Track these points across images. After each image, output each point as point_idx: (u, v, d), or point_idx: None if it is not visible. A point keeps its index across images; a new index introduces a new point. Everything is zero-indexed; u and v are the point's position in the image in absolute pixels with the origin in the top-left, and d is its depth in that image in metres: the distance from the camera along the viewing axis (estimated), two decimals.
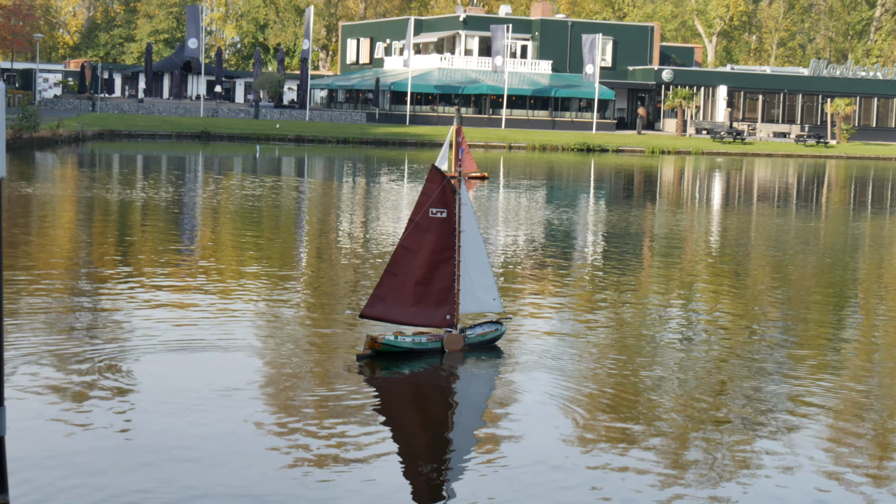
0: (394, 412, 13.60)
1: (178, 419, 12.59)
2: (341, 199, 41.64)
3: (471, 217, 16.01)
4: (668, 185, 57.68)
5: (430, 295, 15.84)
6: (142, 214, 33.48)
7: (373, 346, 15.36)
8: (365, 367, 15.03)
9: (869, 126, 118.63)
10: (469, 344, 16.01)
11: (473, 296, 16.14)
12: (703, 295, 22.43)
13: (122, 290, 20.11)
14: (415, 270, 15.73)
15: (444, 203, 15.78)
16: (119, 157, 60.42)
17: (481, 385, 14.90)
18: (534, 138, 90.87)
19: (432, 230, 15.74)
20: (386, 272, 15.83)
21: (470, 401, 14.39)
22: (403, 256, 15.73)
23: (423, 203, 15.73)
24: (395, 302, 15.76)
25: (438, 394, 14.59)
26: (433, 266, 15.79)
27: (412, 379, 14.86)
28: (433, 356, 15.59)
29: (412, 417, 13.72)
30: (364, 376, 14.68)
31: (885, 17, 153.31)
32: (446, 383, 14.89)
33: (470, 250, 16.01)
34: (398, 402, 14.20)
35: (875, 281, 25.62)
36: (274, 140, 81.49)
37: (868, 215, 43.93)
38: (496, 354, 15.97)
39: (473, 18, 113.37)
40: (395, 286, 15.72)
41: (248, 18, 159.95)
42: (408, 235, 15.71)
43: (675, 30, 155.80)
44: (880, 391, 15.29)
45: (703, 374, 15.56)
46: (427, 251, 15.73)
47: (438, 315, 15.88)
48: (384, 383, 14.58)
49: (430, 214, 15.73)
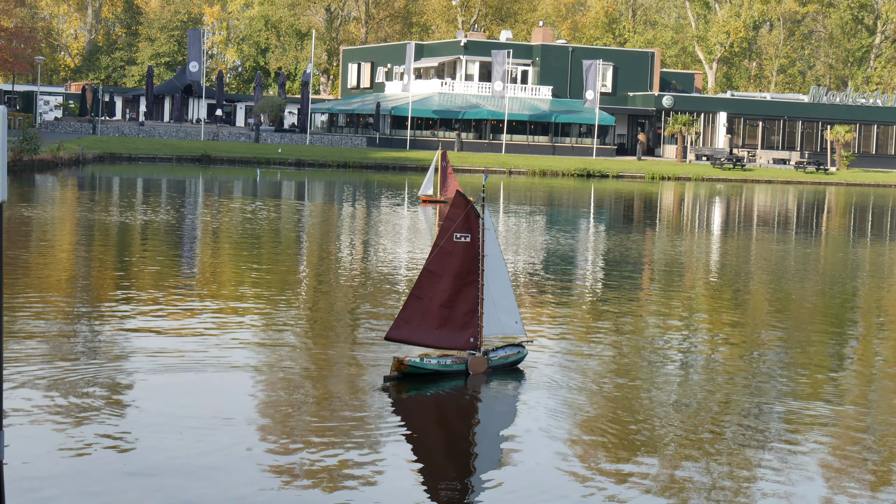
0: (419, 433, 13.81)
1: (195, 441, 12.58)
2: (342, 223, 41.65)
3: (494, 241, 16.28)
4: (668, 211, 57.72)
5: (455, 318, 16.14)
6: (142, 237, 33.48)
7: (399, 367, 15.62)
8: (392, 388, 15.31)
9: (869, 153, 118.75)
10: (493, 366, 16.27)
11: (496, 319, 16.42)
12: (706, 321, 22.42)
13: (122, 311, 20.10)
14: (439, 294, 16.02)
15: (468, 228, 16.06)
16: (119, 180, 60.48)
17: (504, 407, 15.15)
18: (534, 164, 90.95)
19: (456, 254, 16.05)
20: (411, 295, 16.09)
21: (493, 423, 14.59)
22: (428, 280, 16.02)
23: (448, 228, 16.03)
24: (420, 325, 16.02)
25: (462, 415, 14.83)
26: (457, 290, 16.09)
27: (437, 400, 15.13)
28: (458, 378, 15.88)
29: (436, 438, 13.90)
30: (391, 397, 14.96)
31: (884, 44, 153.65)
32: (470, 405, 15.15)
33: (493, 274, 16.31)
34: (423, 422, 14.44)
35: (874, 308, 25.61)
36: (274, 164, 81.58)
37: (868, 242, 43.94)
38: (519, 377, 16.22)
39: (474, 44, 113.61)
40: (420, 309, 15.99)
41: (249, 42, 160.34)
42: (432, 259, 16.02)
43: (676, 56, 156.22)
44: (880, 418, 15.27)
45: (705, 400, 15.55)
46: (451, 275, 16.05)
47: (462, 338, 16.16)
48: (410, 404, 14.91)
49: (454, 239, 16.02)
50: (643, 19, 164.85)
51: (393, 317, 20.39)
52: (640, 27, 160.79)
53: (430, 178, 50.42)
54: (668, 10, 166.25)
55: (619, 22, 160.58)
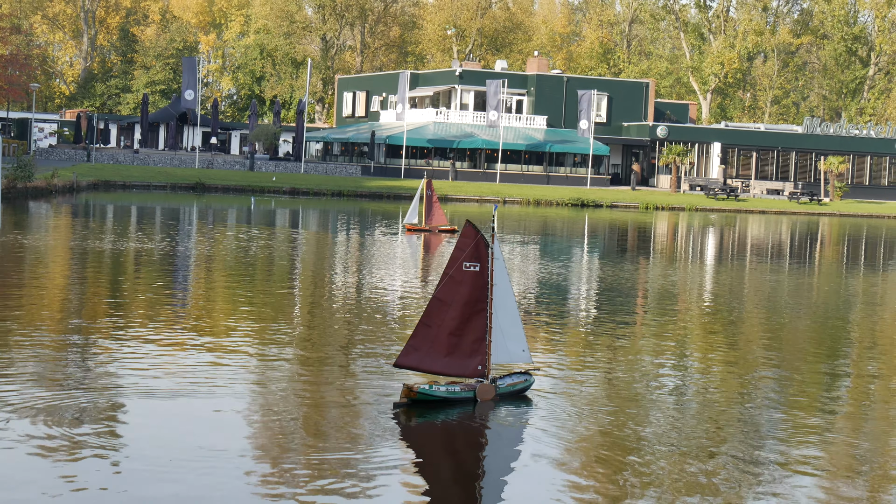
0: (428, 459, 14.04)
1: (193, 473, 12.54)
2: (334, 251, 41.63)
3: (502, 271, 16.55)
4: (662, 241, 57.75)
5: (463, 346, 16.40)
6: (135, 265, 33.44)
7: (409, 394, 15.84)
8: (402, 414, 15.53)
9: (862, 184, 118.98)
10: (500, 394, 16.51)
11: (504, 347, 16.68)
12: (705, 350, 22.40)
13: (116, 339, 20.05)
14: (448, 322, 16.29)
15: (478, 257, 16.33)
16: (113, 208, 60.46)
17: (512, 434, 15.34)
18: (528, 193, 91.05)
19: (466, 283, 16.32)
20: (420, 323, 16.35)
21: (500, 450, 14.75)
22: (437, 308, 16.29)
23: (458, 257, 16.31)
24: (429, 352, 16.30)
25: (471, 442, 15.01)
26: (466, 318, 16.35)
27: (446, 427, 15.37)
28: (466, 405, 16.11)
29: (445, 465, 14.10)
30: (400, 424, 15.17)
31: (878, 75, 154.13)
32: (479, 432, 15.32)
33: (501, 303, 16.56)
34: (432, 449, 14.65)
35: (867, 338, 25.60)
36: (269, 192, 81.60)
37: (861, 273, 43.96)
38: (526, 404, 16.50)
39: (469, 73, 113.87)
40: (430, 337, 16.26)
41: (244, 71, 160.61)
42: (442, 288, 16.30)
43: (670, 86, 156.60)
44: (873, 449, 15.24)
45: (712, 430, 15.54)
46: (460, 303, 16.31)
47: (471, 365, 16.42)
48: (419, 430, 15.14)
49: (463, 268, 16.29)
50: (638, 50, 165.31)
51: (391, 343, 20.39)
52: (634, 58, 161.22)
53: (415, 207, 50.51)
54: (662, 41, 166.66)
55: (613, 52, 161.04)
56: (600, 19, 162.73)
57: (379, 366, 18.79)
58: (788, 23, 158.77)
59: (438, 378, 16.71)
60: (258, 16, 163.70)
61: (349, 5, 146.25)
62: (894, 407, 17.99)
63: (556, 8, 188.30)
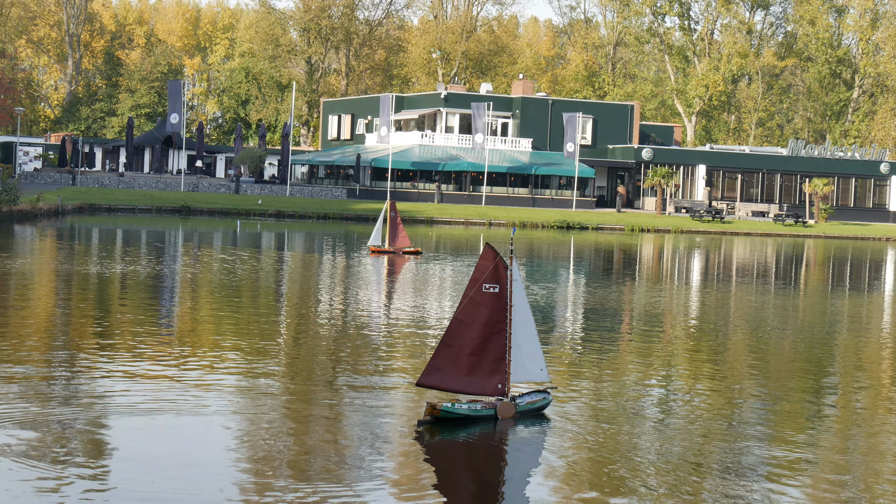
0: (451, 474, 14.60)
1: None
2: (321, 274, 41.58)
3: (521, 292, 16.98)
4: (647, 264, 57.80)
5: (483, 365, 16.84)
6: (121, 288, 33.35)
7: (432, 412, 16.35)
8: (425, 431, 16.01)
9: (847, 206, 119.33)
10: (520, 412, 16.96)
11: (522, 366, 17.09)
12: (702, 370, 22.41)
13: (101, 362, 19.98)
14: (469, 342, 16.75)
15: (497, 279, 16.76)
16: (99, 231, 60.34)
17: (532, 451, 15.78)
18: (514, 215, 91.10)
19: (486, 304, 16.75)
20: (441, 343, 16.81)
21: (521, 466, 15.14)
22: (458, 329, 16.75)
23: (477, 279, 16.76)
24: (450, 371, 16.76)
25: (492, 458, 15.41)
26: (486, 338, 16.79)
27: (468, 443, 15.79)
28: (487, 422, 16.57)
29: (468, 480, 14.50)
30: (424, 440, 15.70)
31: (862, 98, 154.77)
32: (499, 448, 15.79)
33: (520, 323, 16.98)
34: (455, 464, 15.09)
35: (853, 360, 25.62)
36: (254, 215, 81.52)
37: (846, 295, 44.02)
38: (545, 422, 16.91)
39: (454, 96, 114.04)
40: (451, 357, 16.74)
41: (229, 94, 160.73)
42: (462, 309, 16.76)
43: (655, 109, 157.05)
44: (859, 470, 15.24)
45: (684, 450, 15.53)
46: (480, 324, 16.75)
47: (491, 384, 16.84)
48: (442, 447, 15.59)
49: (483, 289, 16.74)
50: (623, 72, 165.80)
51: (405, 363, 20.36)
52: (619, 80, 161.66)
53: (378, 229, 50.35)
54: (647, 64, 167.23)
55: (598, 75, 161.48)
56: (585, 42, 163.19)
57: (400, 384, 19.36)
58: (773, 45, 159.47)
59: (460, 396, 17.11)
60: (243, 39, 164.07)
61: (334, 28, 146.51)
62: (878, 425, 17.98)
63: (541, 31, 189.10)
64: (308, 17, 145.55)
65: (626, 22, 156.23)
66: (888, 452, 16.41)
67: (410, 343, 24.51)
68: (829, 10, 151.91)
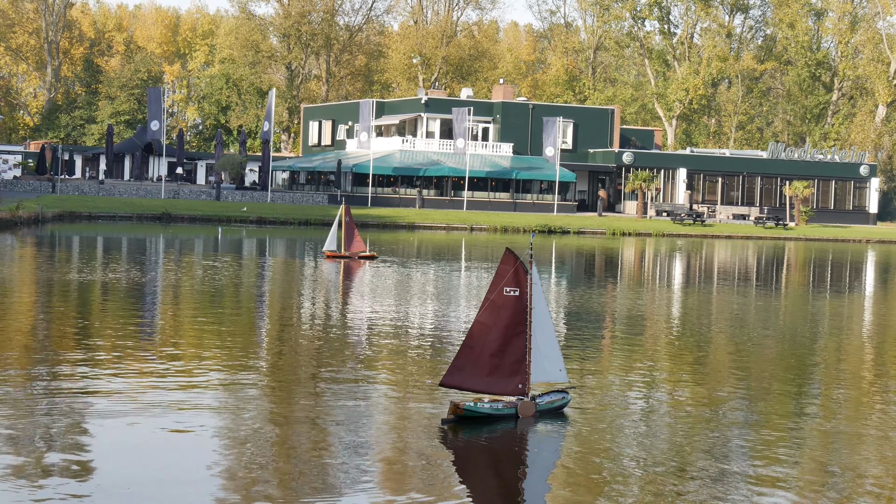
0: (475, 471, 15.00)
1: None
2: (303, 279, 41.52)
3: (540, 295, 17.53)
4: (629, 267, 57.85)
5: (504, 366, 17.40)
6: (102, 296, 33.24)
7: (455, 411, 16.95)
8: (449, 429, 16.59)
9: (827, 208, 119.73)
10: (540, 411, 17.54)
11: (542, 367, 17.66)
12: (680, 375, 22.43)
13: (83, 370, 19.90)
14: (490, 344, 17.33)
15: (517, 282, 17.33)
16: (79, 239, 60.16)
17: (551, 448, 16.30)
18: (495, 220, 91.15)
19: (506, 307, 17.34)
20: (464, 345, 17.44)
21: (541, 463, 15.64)
22: (480, 331, 17.37)
23: (498, 283, 17.32)
24: (472, 372, 17.37)
25: (513, 456, 15.97)
26: (507, 340, 17.36)
27: (490, 441, 16.28)
28: (508, 421, 17.14)
29: (490, 476, 14.92)
30: (448, 438, 16.28)
31: (841, 101, 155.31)
32: (520, 446, 16.39)
33: (539, 325, 17.54)
34: (478, 461, 15.48)
35: (834, 361, 25.67)
36: (236, 222, 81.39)
37: (827, 296, 44.13)
38: (564, 420, 17.49)
39: (435, 101, 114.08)
40: (472, 358, 17.34)
41: (210, 100, 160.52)
42: (484, 312, 17.36)
43: (636, 113, 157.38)
44: (841, 471, 15.27)
45: (666, 453, 15.55)
46: (501, 326, 17.33)
47: (511, 384, 17.41)
48: (466, 444, 16.10)
49: (504, 293, 17.31)
50: (603, 77, 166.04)
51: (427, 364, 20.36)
52: (599, 84, 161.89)
53: (333, 234, 50.12)
54: (627, 68, 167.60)
55: (579, 79, 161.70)
56: (565, 47, 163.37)
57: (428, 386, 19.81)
58: (752, 49, 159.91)
59: (482, 396, 17.61)
60: (223, 45, 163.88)
61: (314, 34, 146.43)
62: (862, 426, 18.01)
63: (521, 36, 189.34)
64: (288, 22, 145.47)
65: (607, 26, 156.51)
66: (870, 450, 16.45)
67: (399, 346, 24.50)
68: (809, 14, 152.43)
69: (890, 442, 17.08)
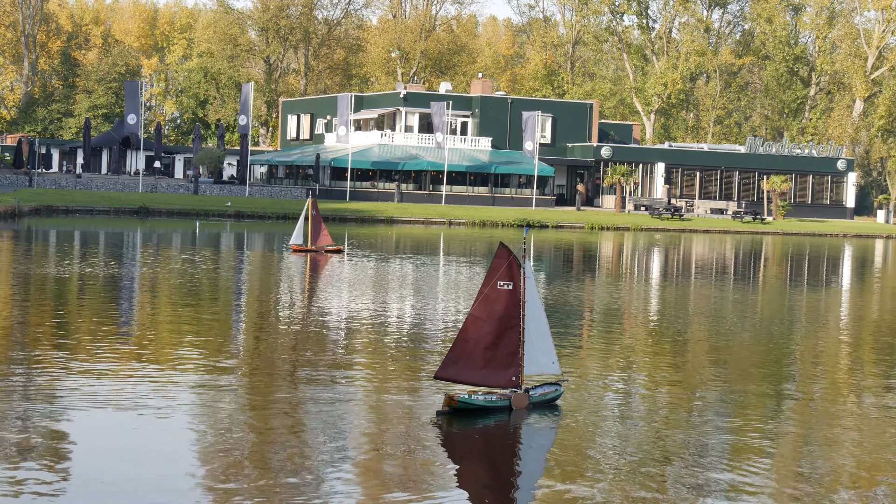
0: (469, 461, 15.44)
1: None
2: (281, 273, 41.46)
3: (533, 288, 17.77)
4: (607, 261, 57.92)
5: (498, 359, 17.68)
6: (79, 289, 33.14)
7: (450, 403, 17.24)
8: (444, 421, 16.85)
9: (804, 203, 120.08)
10: (533, 403, 17.89)
11: (535, 360, 17.94)
12: (655, 367, 22.48)
13: (60, 363, 19.84)
14: (484, 337, 17.58)
15: (511, 276, 17.59)
16: (56, 233, 59.95)
17: (544, 440, 16.63)
18: (474, 214, 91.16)
19: (500, 301, 17.58)
20: (458, 338, 17.67)
21: (534, 453, 16.02)
22: (474, 324, 17.60)
23: (492, 276, 17.58)
24: (466, 365, 17.62)
25: (507, 447, 16.31)
26: (500, 333, 17.62)
27: (484, 432, 16.63)
28: (502, 413, 17.45)
29: (484, 467, 15.31)
30: (442, 429, 16.47)
31: (819, 95, 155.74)
32: (514, 437, 16.70)
33: (532, 318, 17.81)
34: (472, 452, 15.91)
35: (810, 355, 25.75)
36: (213, 216, 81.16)
37: (804, 290, 44.26)
38: (556, 412, 17.80)
39: (414, 95, 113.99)
40: (466, 351, 17.59)
41: (188, 94, 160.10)
42: (478, 305, 17.60)
43: (614, 107, 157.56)
44: (817, 464, 15.35)
45: (649, 447, 15.59)
46: (495, 319, 17.57)
47: (505, 377, 17.70)
48: (460, 435, 16.39)
49: (497, 286, 17.54)
50: (581, 71, 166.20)
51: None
52: (578, 79, 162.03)
53: (300, 228, 49.95)
54: (606, 63, 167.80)
55: (557, 74, 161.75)
56: (544, 41, 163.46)
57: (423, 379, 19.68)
58: (730, 44, 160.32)
59: (477, 388, 17.91)
60: (201, 39, 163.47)
61: (293, 28, 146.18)
62: (837, 425, 18.07)
63: (500, 30, 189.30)
64: (266, 16, 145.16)
65: (585, 21, 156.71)
66: (846, 439, 16.52)
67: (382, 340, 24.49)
68: (786, 9, 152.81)
69: (865, 427, 17.17)
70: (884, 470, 15.27)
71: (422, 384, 19.53)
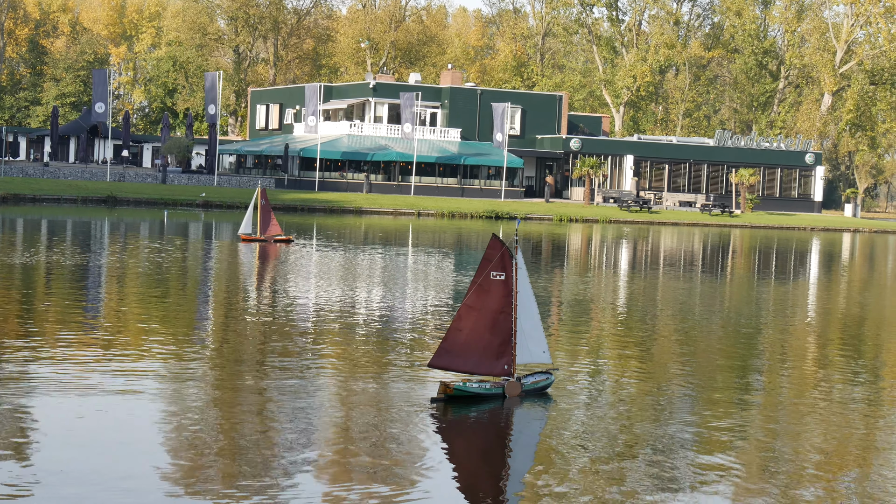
0: (464, 447, 15.90)
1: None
2: (249, 263, 41.36)
3: (525, 279, 18.14)
4: (575, 253, 58.02)
5: (491, 348, 18.08)
6: (46, 278, 32.99)
7: (445, 391, 17.66)
8: (439, 408, 17.23)
9: (773, 196, 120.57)
10: (525, 390, 18.29)
11: (526, 349, 18.33)
12: (622, 359, 22.53)
13: (26, 354, 19.75)
14: (478, 326, 17.97)
15: (503, 267, 17.93)
16: (23, 222, 59.63)
17: (536, 426, 17.07)
18: (443, 205, 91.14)
19: (493, 291, 17.96)
20: (452, 328, 18.06)
21: (527, 439, 16.50)
22: (467, 314, 17.97)
23: (485, 267, 17.92)
24: (460, 353, 18.00)
25: (500, 432, 16.73)
26: (493, 322, 18.01)
27: (478, 419, 17.04)
28: (496, 400, 17.86)
29: (478, 452, 15.61)
30: (439, 416, 16.88)
31: (788, 89, 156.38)
32: (507, 424, 17.14)
33: (524, 308, 18.20)
34: (467, 438, 16.32)
35: (777, 347, 25.88)
36: (182, 206, 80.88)
37: (771, 283, 44.45)
38: (548, 400, 18.24)
39: (383, 86, 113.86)
40: (460, 340, 17.96)
41: (156, 83, 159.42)
42: (471, 295, 17.99)
43: (584, 99, 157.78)
44: (785, 454, 15.42)
45: (611, 436, 15.65)
46: (488, 309, 17.95)
47: (498, 365, 18.12)
48: (455, 422, 16.79)
49: (490, 277, 17.90)
50: (551, 63, 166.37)
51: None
52: (548, 71, 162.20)
53: (249, 217, 49.87)
54: (575, 55, 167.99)
55: (527, 65, 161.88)
56: (514, 32, 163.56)
57: (415, 367, 19.16)
58: (700, 37, 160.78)
59: (471, 376, 18.29)
60: (170, 28, 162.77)
61: (262, 17, 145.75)
62: (804, 417, 18.17)
63: (470, 21, 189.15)
64: (235, 5, 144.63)
65: (555, 12, 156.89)
66: (813, 431, 16.61)
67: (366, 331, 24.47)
68: (756, 2, 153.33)
69: (832, 418, 17.27)
70: (849, 462, 15.37)
71: (413, 372, 20.01)
